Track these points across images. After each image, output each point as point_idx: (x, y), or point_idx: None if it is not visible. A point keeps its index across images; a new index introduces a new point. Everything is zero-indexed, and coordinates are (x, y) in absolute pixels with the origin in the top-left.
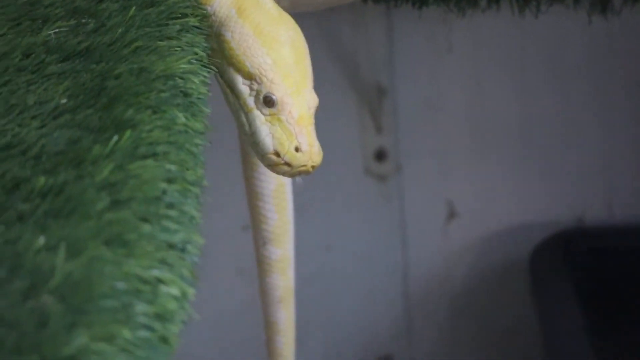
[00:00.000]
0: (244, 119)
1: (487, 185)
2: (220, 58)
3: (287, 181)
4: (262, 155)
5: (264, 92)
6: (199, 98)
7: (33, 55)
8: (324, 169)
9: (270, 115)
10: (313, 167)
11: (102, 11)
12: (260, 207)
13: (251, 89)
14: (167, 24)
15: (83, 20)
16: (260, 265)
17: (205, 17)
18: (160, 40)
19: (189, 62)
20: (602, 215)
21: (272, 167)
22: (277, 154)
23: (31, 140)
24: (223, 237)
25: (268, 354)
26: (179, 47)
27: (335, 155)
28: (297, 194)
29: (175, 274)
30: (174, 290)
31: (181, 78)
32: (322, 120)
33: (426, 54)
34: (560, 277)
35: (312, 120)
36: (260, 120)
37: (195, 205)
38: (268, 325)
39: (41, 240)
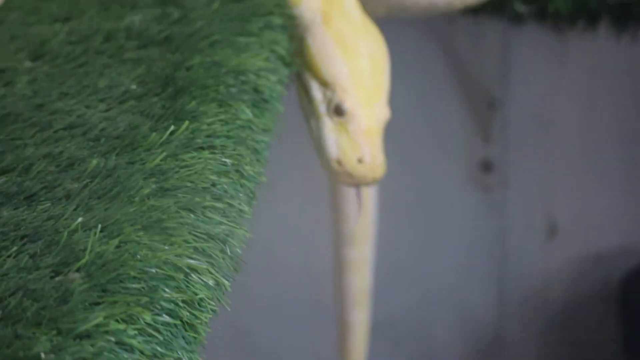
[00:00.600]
0: (313, 123)
1: (592, 204)
2: (299, 61)
3: None
4: (325, 162)
5: (335, 100)
6: (271, 96)
7: (114, 40)
8: (428, 174)
9: (338, 124)
10: (374, 179)
11: (189, 3)
12: (341, 207)
13: (324, 95)
14: (249, 20)
15: (168, 10)
16: (337, 266)
17: (291, 17)
18: (240, 36)
19: (266, 60)
20: None
21: (333, 175)
22: (339, 163)
23: (93, 123)
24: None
25: (339, 353)
26: (259, 44)
27: (441, 162)
28: (400, 197)
29: (211, 264)
30: (208, 280)
31: (255, 74)
32: (430, 126)
33: (540, 67)
34: None
35: (380, 133)
36: (328, 127)
37: (247, 200)
38: (341, 325)
39: (79, 220)
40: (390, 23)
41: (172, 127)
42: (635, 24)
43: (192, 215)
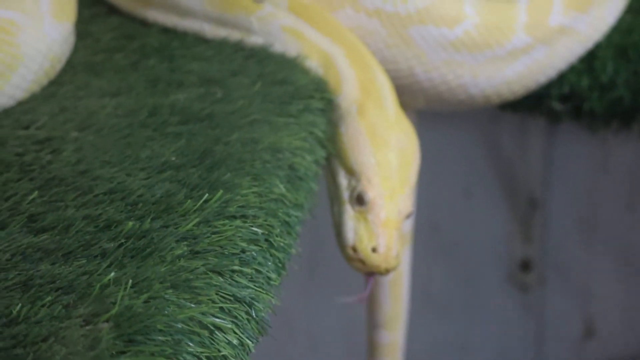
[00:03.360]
0: (336, 208)
1: (630, 307)
2: (331, 147)
3: (405, 271)
4: (341, 247)
5: (358, 189)
6: (306, 174)
7: (158, 115)
8: (469, 270)
9: (359, 212)
10: (387, 270)
11: (232, 83)
12: (376, 293)
13: (349, 183)
14: (290, 102)
15: (212, 89)
16: (370, 348)
17: (330, 101)
18: (280, 117)
19: (303, 140)
20: None
21: (348, 260)
22: (354, 250)
23: (132, 189)
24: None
25: None
26: (297, 124)
27: (481, 258)
28: (440, 292)
29: (236, 325)
30: (232, 339)
31: (292, 153)
32: (473, 222)
33: (582, 168)
34: None
35: (399, 226)
36: (349, 214)
37: (276, 268)
38: None
39: (112, 275)
40: (437, 118)
41: (207, 196)
42: None
43: (220, 278)
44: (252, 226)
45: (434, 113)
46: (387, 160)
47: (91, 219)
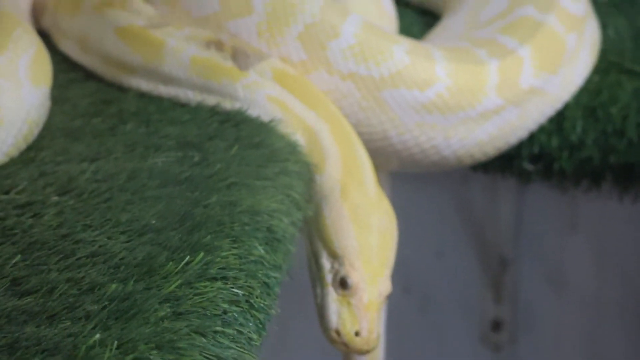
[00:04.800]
0: (318, 290)
1: None
2: (313, 228)
3: (381, 334)
4: (324, 329)
5: (342, 273)
6: (284, 236)
7: (137, 179)
8: (441, 331)
9: (342, 295)
10: (367, 350)
11: (210, 147)
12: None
13: (332, 266)
14: (266, 166)
15: (190, 153)
16: None
17: (306, 164)
18: (257, 180)
19: (280, 202)
20: None
21: (331, 342)
22: (338, 333)
23: (114, 252)
24: None
25: None
26: (274, 187)
27: (454, 319)
28: (413, 352)
29: None
30: None
31: (269, 215)
32: (445, 282)
33: (551, 228)
34: None
35: (380, 307)
36: (332, 297)
37: (257, 329)
38: None
39: (97, 337)
40: (409, 179)
41: (188, 258)
42: (638, 185)
43: (202, 339)
44: (232, 287)
45: (405, 174)
46: (369, 244)
47: (74, 281)
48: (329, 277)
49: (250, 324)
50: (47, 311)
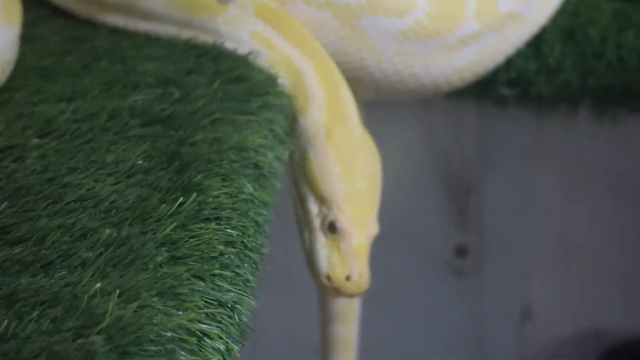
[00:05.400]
0: (306, 235)
1: (565, 290)
2: (299, 172)
3: None
4: (315, 275)
5: (330, 218)
6: (270, 172)
7: (118, 118)
8: (403, 260)
9: (331, 239)
10: (358, 294)
11: (189, 82)
12: None
13: (320, 210)
14: (248, 100)
15: (170, 90)
16: (325, 343)
17: (287, 96)
18: (240, 114)
19: (265, 137)
20: None
21: (321, 287)
22: (329, 279)
23: (103, 195)
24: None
25: None
26: (257, 122)
27: (417, 247)
28: (375, 282)
29: (222, 330)
30: (219, 345)
31: (255, 151)
32: (408, 210)
33: (517, 156)
34: None
35: (369, 249)
36: (321, 242)
37: (252, 270)
38: None
39: (98, 286)
40: (371, 110)
41: (181, 199)
42: (615, 108)
43: (202, 283)
44: (227, 228)
45: (366, 106)
46: (356, 187)
47: (66, 228)
48: (316, 222)
49: (246, 265)
50: (41, 260)
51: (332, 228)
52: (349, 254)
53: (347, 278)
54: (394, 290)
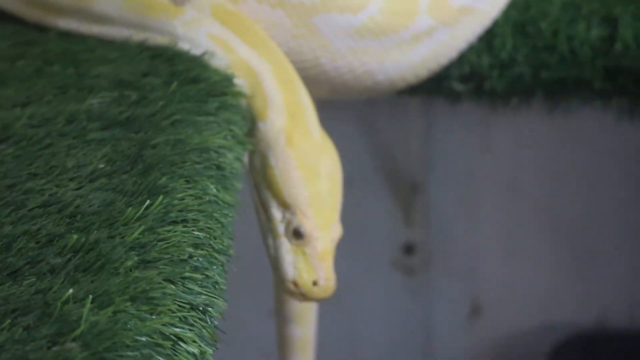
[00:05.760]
0: (270, 241)
1: (513, 284)
2: (260, 177)
3: None
4: (280, 281)
5: (294, 224)
6: (231, 172)
7: (76, 122)
8: (351, 258)
9: (296, 245)
10: (325, 298)
11: (145, 85)
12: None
13: (283, 216)
14: (206, 101)
15: (126, 92)
16: (282, 344)
17: (243, 96)
18: (199, 115)
19: (224, 138)
20: (624, 319)
21: (288, 293)
22: (295, 284)
23: (67, 200)
24: (248, 321)
25: None
26: (216, 122)
27: (364, 245)
28: None
29: (195, 333)
30: (193, 349)
31: (216, 152)
32: (354, 209)
33: (463, 152)
34: None
35: (333, 252)
36: (286, 248)
37: (220, 272)
38: None
39: (70, 292)
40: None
41: (148, 202)
42: (567, 100)
43: (173, 286)
44: (194, 230)
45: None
46: (318, 191)
47: (31, 234)
48: (280, 228)
49: (215, 267)
50: (8, 267)
51: (296, 234)
52: (314, 258)
53: (314, 283)
54: (343, 289)
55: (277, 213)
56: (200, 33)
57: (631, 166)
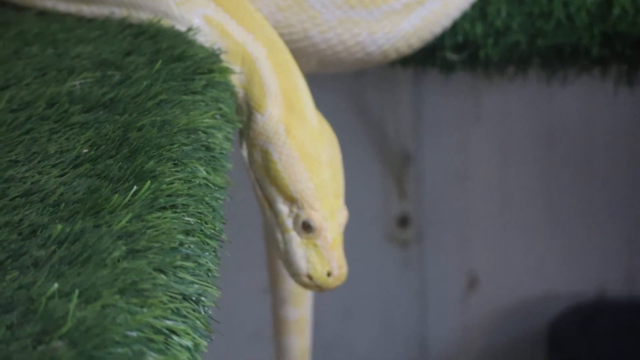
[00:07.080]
0: (279, 236)
1: (509, 255)
2: (262, 173)
3: None
4: (294, 275)
5: (303, 217)
6: (221, 153)
7: (57, 105)
8: (345, 233)
9: (306, 239)
10: (338, 285)
11: (129, 64)
12: (280, 267)
13: (291, 210)
14: (192, 79)
15: (109, 72)
16: (277, 326)
17: (230, 71)
18: (185, 95)
19: (213, 117)
20: (623, 289)
21: (303, 286)
22: (310, 277)
23: (50, 188)
24: (242, 298)
25: None
26: (204, 101)
27: (357, 219)
28: None
29: (188, 325)
30: (187, 342)
31: (204, 132)
32: (347, 183)
33: (454, 122)
34: (579, 350)
35: (342, 238)
36: (297, 242)
37: (213, 258)
38: None
39: (55, 286)
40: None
41: (135, 188)
42: (565, 68)
43: (164, 276)
44: (184, 216)
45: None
46: (323, 181)
47: (13, 225)
48: (289, 222)
49: (207, 254)
50: None
51: (306, 227)
52: (326, 249)
53: (329, 274)
54: None
55: (283, 208)
56: (195, 14)
57: (628, 135)
